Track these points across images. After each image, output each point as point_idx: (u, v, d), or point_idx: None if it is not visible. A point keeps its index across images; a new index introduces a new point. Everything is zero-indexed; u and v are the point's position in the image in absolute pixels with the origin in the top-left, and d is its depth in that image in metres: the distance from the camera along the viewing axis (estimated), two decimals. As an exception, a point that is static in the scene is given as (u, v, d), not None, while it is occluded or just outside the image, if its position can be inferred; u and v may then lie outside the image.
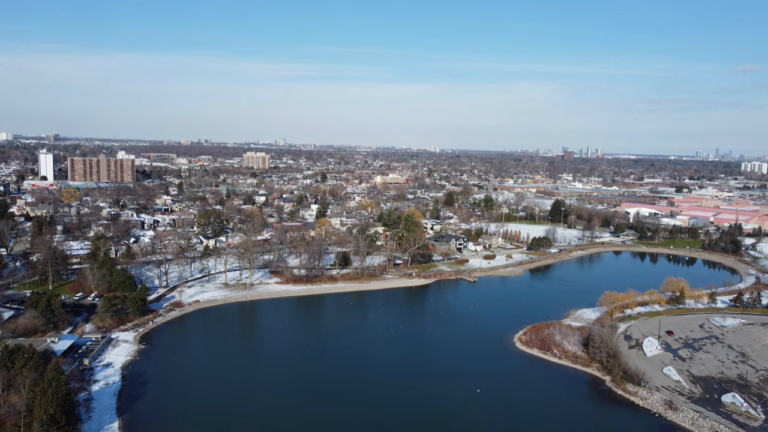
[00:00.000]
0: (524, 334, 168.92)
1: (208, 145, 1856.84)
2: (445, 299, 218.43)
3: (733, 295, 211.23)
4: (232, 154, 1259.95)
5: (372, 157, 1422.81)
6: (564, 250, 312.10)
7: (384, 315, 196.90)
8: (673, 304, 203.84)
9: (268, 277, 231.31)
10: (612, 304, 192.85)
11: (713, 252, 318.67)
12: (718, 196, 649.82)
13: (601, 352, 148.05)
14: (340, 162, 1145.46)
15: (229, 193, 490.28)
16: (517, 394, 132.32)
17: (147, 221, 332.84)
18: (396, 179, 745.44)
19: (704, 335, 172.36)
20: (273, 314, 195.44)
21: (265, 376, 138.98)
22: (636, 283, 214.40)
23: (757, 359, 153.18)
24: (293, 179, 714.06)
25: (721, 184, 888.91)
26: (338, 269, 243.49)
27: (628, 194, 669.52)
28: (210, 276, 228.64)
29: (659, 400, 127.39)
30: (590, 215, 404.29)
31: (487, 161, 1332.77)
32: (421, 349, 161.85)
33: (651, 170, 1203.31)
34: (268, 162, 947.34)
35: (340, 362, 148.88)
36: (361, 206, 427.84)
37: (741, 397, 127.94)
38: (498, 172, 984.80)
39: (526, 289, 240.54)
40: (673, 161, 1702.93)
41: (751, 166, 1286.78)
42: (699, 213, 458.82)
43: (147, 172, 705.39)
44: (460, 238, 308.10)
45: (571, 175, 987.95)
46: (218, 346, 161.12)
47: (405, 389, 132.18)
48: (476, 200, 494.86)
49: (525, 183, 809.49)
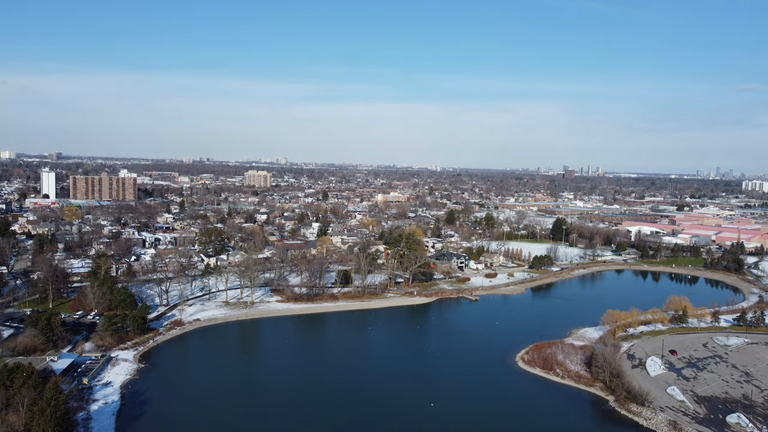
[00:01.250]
0: (526, 354, 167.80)
1: (210, 163, 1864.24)
2: (446, 318, 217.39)
3: (736, 314, 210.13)
4: (234, 172, 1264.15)
5: (373, 175, 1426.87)
6: (566, 269, 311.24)
7: (385, 334, 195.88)
8: (676, 323, 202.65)
9: (269, 295, 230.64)
10: (614, 322, 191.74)
11: (716, 271, 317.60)
12: (720, 215, 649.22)
13: (604, 371, 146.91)
14: (341, 180, 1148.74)
15: (230, 211, 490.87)
16: (519, 414, 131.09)
17: (148, 239, 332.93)
18: (397, 197, 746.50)
19: (708, 354, 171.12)
20: (274, 333, 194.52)
21: (265, 395, 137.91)
22: (638, 302, 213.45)
23: (761, 379, 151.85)
24: (294, 198, 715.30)
25: (722, 202, 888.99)
26: (339, 287, 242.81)
27: (630, 213, 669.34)
28: (211, 294, 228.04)
29: (663, 420, 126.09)
30: (592, 234, 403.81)
31: (488, 179, 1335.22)
32: (423, 369, 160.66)
33: (652, 189, 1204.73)
34: (270, 180, 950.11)
35: (341, 381, 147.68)
36: (363, 224, 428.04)
37: (746, 417, 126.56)
38: (499, 191, 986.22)
39: (528, 307, 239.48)
40: (674, 180, 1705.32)
41: (752, 185, 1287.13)
42: (701, 231, 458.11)
43: (149, 190, 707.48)
44: (462, 257, 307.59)
45: (572, 193, 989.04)
46: (219, 365, 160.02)
47: (407, 409, 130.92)
48: (477, 218, 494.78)
49: (526, 201, 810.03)
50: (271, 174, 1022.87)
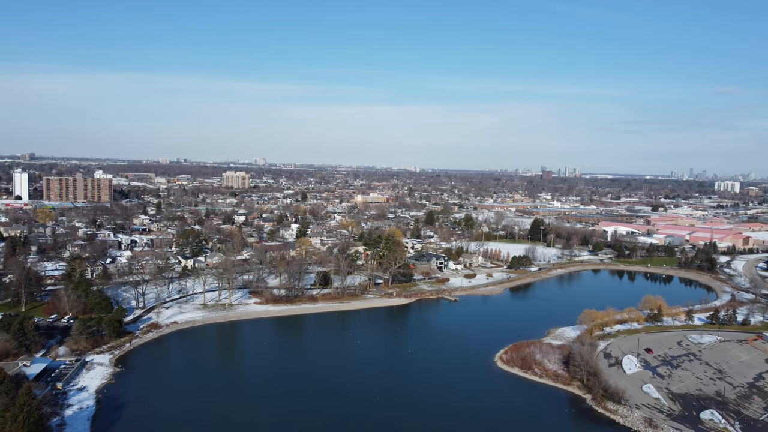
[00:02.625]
0: (505, 353, 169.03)
1: (188, 164, 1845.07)
2: (426, 318, 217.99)
3: (709, 313, 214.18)
4: (212, 173, 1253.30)
5: (353, 176, 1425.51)
6: (544, 269, 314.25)
7: (365, 335, 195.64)
8: (652, 321, 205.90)
9: (247, 297, 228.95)
10: (591, 322, 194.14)
11: (689, 270, 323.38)
12: (693, 215, 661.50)
13: (581, 370, 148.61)
14: (320, 181, 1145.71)
15: (208, 212, 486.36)
16: (498, 413, 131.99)
17: (124, 241, 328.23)
18: (377, 198, 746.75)
19: (682, 352, 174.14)
20: (252, 335, 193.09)
21: (244, 398, 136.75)
22: (615, 301, 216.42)
23: (734, 376, 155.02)
24: (273, 199, 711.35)
25: (695, 203, 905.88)
26: (319, 289, 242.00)
27: (606, 213, 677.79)
28: (188, 297, 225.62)
29: (639, 418, 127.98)
30: (569, 234, 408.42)
31: (467, 180, 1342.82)
32: (402, 370, 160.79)
33: (627, 189, 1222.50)
34: (248, 181, 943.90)
35: (320, 383, 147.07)
36: (342, 225, 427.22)
37: (719, 413, 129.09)
38: (478, 192, 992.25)
39: (506, 307, 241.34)
40: (649, 180, 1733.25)
41: (725, 186, 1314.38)
42: (675, 231, 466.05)
43: (125, 191, 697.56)
44: (441, 257, 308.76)
45: (549, 194, 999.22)
46: (197, 368, 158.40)
47: (386, 410, 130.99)
48: (456, 219, 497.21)
49: (504, 202, 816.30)
50: (249, 175, 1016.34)
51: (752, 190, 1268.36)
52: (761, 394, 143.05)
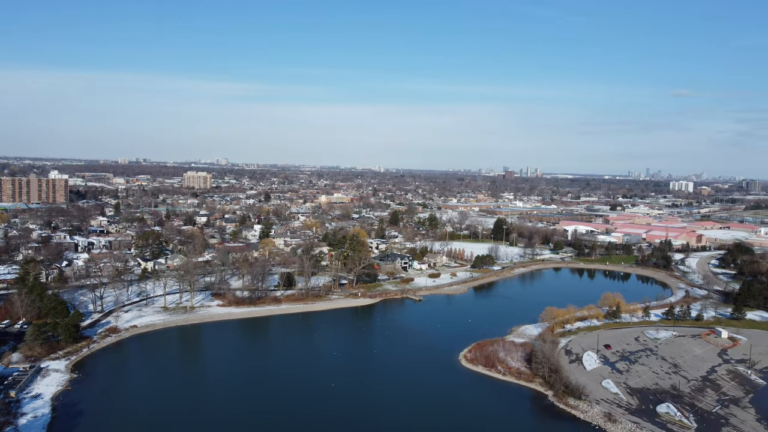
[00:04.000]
0: (469, 352, 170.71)
1: (147, 164, 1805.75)
2: (390, 318, 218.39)
3: (665, 309, 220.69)
4: (173, 173, 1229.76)
5: (317, 176, 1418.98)
6: (506, 268, 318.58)
7: (330, 336, 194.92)
8: (610, 318, 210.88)
9: (209, 299, 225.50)
10: (553, 319, 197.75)
11: (646, 267, 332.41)
12: (650, 214, 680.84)
13: (543, 367, 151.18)
14: (284, 181, 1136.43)
15: (168, 213, 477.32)
16: (462, 411, 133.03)
17: (81, 243, 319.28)
18: (341, 199, 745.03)
19: (639, 348, 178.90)
20: (215, 338, 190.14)
21: (207, 403, 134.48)
22: (575, 299, 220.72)
23: (688, 370, 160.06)
24: (236, 199, 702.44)
25: (651, 202, 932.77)
26: (282, 290, 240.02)
27: (566, 212, 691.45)
28: (148, 300, 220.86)
29: (599, 412, 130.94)
30: (531, 233, 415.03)
31: (431, 180, 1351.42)
32: (367, 370, 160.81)
33: (587, 189, 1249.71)
34: (210, 182, 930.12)
35: (285, 386, 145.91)
36: (306, 226, 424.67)
37: (674, 406, 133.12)
38: (442, 192, 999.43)
39: (470, 306, 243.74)
40: (608, 180, 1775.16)
41: (679, 185, 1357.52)
42: (632, 230, 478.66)
43: (81, 192, 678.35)
44: (406, 257, 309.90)
45: (512, 194, 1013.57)
46: (157, 372, 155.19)
47: (350, 409, 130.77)
48: (421, 219, 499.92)
49: (468, 202, 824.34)
50: (211, 175, 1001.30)
51: (705, 189, 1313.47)
52: (714, 387, 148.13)
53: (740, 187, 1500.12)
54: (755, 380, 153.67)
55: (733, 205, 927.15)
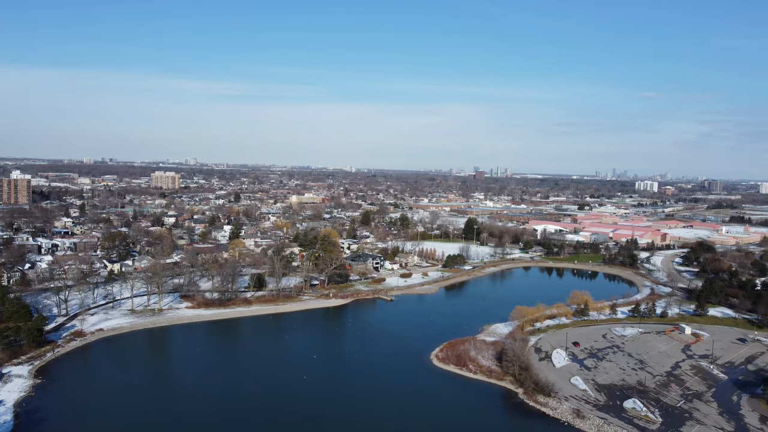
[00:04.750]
0: (441, 351, 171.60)
1: (114, 164, 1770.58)
2: (362, 319, 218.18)
3: (631, 306, 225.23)
4: (140, 173, 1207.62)
5: (287, 176, 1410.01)
6: (477, 267, 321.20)
7: (301, 337, 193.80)
8: (579, 316, 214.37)
9: (178, 301, 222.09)
10: (523, 318, 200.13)
11: (613, 266, 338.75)
12: (616, 213, 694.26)
13: (513, 365, 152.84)
14: (254, 182, 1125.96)
15: (136, 214, 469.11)
16: (433, 411, 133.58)
17: (45, 245, 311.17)
18: (312, 199, 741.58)
19: (607, 345, 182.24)
20: (184, 341, 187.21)
21: (176, 408, 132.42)
22: (545, 297, 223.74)
23: (653, 366, 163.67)
24: (205, 199, 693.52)
25: (618, 202, 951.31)
26: (253, 291, 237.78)
27: (536, 212, 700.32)
28: (115, 302, 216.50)
29: (568, 409, 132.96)
30: (501, 233, 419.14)
31: (403, 181, 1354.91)
32: (339, 371, 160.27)
33: (556, 189, 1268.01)
34: (179, 182, 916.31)
35: (256, 389, 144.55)
36: (277, 226, 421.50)
37: (640, 402, 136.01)
38: (413, 192, 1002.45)
39: (442, 306, 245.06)
40: (576, 180, 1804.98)
41: (645, 185, 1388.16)
42: (600, 229, 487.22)
43: (45, 192, 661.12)
44: (377, 257, 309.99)
45: (482, 194, 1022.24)
46: (125, 376, 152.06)
47: (322, 410, 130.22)
48: (392, 219, 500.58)
49: (439, 202, 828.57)
50: (179, 175, 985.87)
51: (669, 189, 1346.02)
52: (678, 382, 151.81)
53: (703, 187, 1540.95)
54: (717, 375, 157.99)
55: (695, 205, 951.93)
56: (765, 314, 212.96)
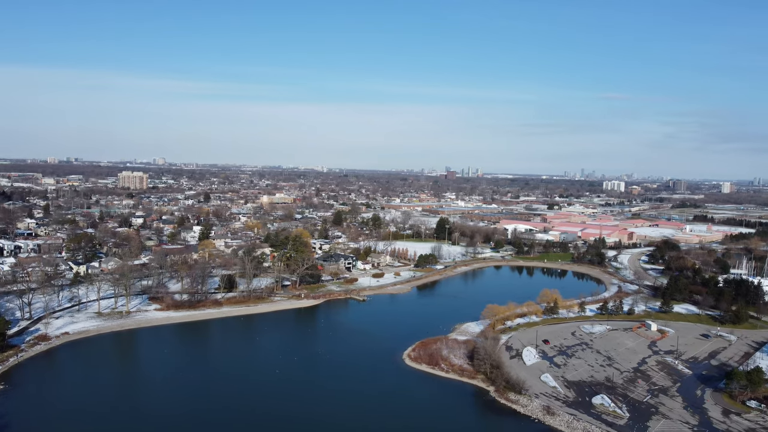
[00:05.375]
0: (413, 351, 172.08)
1: (79, 164, 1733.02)
2: (335, 319, 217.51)
3: (599, 304, 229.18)
4: (107, 173, 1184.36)
5: (258, 176, 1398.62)
6: (449, 267, 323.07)
7: (273, 338, 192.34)
8: (549, 314, 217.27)
9: (146, 303, 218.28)
10: (494, 316, 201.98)
11: (582, 264, 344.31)
12: (585, 213, 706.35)
13: (485, 363, 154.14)
14: (224, 182, 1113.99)
15: (102, 215, 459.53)
16: (406, 410, 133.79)
17: (7, 247, 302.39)
18: (283, 199, 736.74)
19: (576, 342, 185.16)
20: (153, 343, 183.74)
21: (144, 412, 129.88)
22: (515, 296, 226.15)
23: (621, 362, 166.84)
24: (174, 200, 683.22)
25: (586, 201, 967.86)
26: (223, 293, 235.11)
27: (506, 211, 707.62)
28: (81, 305, 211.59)
29: (538, 406, 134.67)
30: (472, 232, 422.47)
31: (375, 180, 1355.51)
32: (311, 372, 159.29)
33: (526, 189, 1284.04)
34: (147, 182, 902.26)
35: (226, 391, 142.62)
36: (248, 227, 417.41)
37: (608, 398, 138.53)
38: (385, 192, 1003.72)
39: (414, 305, 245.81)
40: (545, 180, 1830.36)
41: (612, 185, 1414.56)
42: (569, 228, 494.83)
43: (7, 193, 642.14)
44: (349, 257, 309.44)
45: (454, 193, 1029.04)
46: (91, 381, 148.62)
47: (293, 410, 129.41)
48: (364, 219, 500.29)
49: (411, 202, 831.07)
50: (147, 175, 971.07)
51: (635, 189, 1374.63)
52: (645, 377, 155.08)
53: (667, 186, 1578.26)
54: (682, 370, 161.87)
55: (661, 204, 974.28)
56: (727, 310, 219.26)
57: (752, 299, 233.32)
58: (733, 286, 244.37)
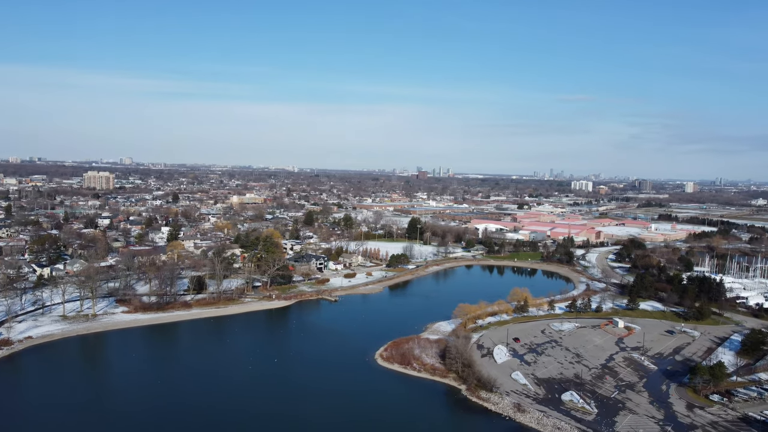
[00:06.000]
0: (385, 350, 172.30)
1: (43, 163, 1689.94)
2: (306, 320, 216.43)
3: (568, 302, 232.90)
4: (71, 173, 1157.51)
5: (228, 176, 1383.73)
6: (421, 266, 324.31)
7: (243, 340, 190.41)
8: (519, 312, 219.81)
9: (114, 306, 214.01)
10: (465, 315, 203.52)
11: (551, 263, 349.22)
12: (554, 212, 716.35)
13: (456, 362, 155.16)
14: (193, 182, 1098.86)
15: (67, 216, 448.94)
16: (378, 411, 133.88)
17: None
18: (254, 199, 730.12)
19: (546, 340, 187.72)
20: (120, 347, 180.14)
21: (111, 417, 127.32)
22: (486, 295, 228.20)
23: (589, 359, 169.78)
24: (142, 200, 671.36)
25: (555, 201, 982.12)
26: (193, 294, 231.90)
27: (477, 211, 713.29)
28: (45, 308, 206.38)
29: (509, 403, 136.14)
30: (444, 232, 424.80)
31: (346, 180, 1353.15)
32: (283, 373, 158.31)
33: (496, 188, 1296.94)
34: (113, 182, 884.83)
35: (197, 394, 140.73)
36: (217, 227, 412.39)
37: (577, 394, 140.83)
38: (357, 192, 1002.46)
39: (386, 305, 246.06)
40: (515, 180, 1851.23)
41: (580, 185, 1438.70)
42: (538, 228, 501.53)
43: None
44: (321, 258, 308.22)
45: (425, 193, 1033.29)
46: (56, 387, 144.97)
47: (265, 410, 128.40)
48: (336, 219, 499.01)
49: (383, 201, 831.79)
50: (114, 175, 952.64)
51: (602, 188, 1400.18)
52: (612, 373, 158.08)
53: (634, 186, 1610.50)
54: (648, 366, 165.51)
55: (627, 204, 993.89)
56: (690, 307, 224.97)
57: (714, 296, 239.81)
58: (696, 283, 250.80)
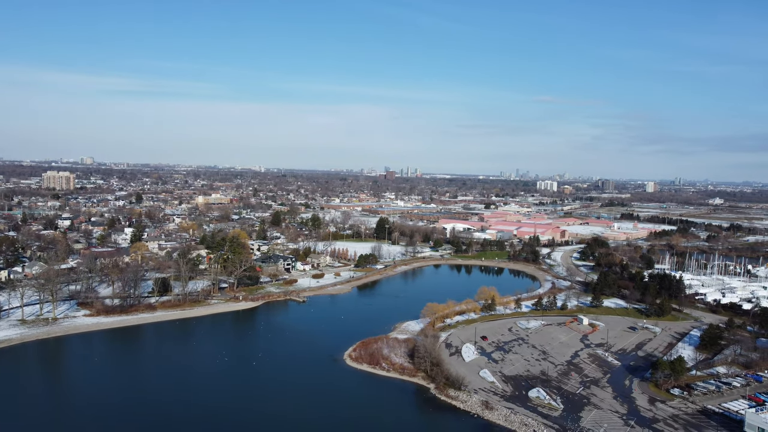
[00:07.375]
0: (354, 351, 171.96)
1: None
2: (274, 321, 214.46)
3: (534, 300, 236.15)
4: (29, 173, 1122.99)
5: (193, 176, 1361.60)
6: (389, 266, 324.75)
7: (209, 342, 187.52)
8: (486, 311, 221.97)
9: (75, 309, 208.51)
10: (434, 314, 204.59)
11: (517, 262, 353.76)
12: (520, 212, 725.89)
13: (425, 361, 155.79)
14: (157, 182, 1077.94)
15: (25, 217, 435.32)
16: (347, 411, 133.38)
17: None
18: (220, 199, 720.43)
19: (513, 338, 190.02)
20: (82, 351, 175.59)
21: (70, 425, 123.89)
22: (454, 294, 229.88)
23: (555, 356, 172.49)
24: (104, 201, 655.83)
25: (521, 200, 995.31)
26: (157, 297, 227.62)
27: (445, 211, 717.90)
28: (3, 312, 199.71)
29: (477, 401, 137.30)
30: (412, 232, 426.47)
31: (314, 180, 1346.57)
32: (250, 375, 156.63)
33: (464, 188, 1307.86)
34: (74, 182, 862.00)
35: (161, 398, 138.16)
36: (182, 228, 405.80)
37: (544, 391, 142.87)
38: (324, 192, 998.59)
39: (354, 305, 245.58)
40: (482, 180, 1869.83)
41: (545, 185, 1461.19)
42: (505, 227, 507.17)
43: None
44: (289, 258, 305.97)
45: (393, 193, 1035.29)
46: (14, 394, 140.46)
47: (232, 412, 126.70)
48: (304, 219, 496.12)
49: (351, 202, 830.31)
50: (75, 175, 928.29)
51: (567, 188, 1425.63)
52: (577, 370, 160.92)
53: (597, 186, 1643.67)
54: (611, 362, 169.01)
55: (591, 203, 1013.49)
56: (652, 304, 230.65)
57: (674, 293, 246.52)
58: (657, 280, 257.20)
